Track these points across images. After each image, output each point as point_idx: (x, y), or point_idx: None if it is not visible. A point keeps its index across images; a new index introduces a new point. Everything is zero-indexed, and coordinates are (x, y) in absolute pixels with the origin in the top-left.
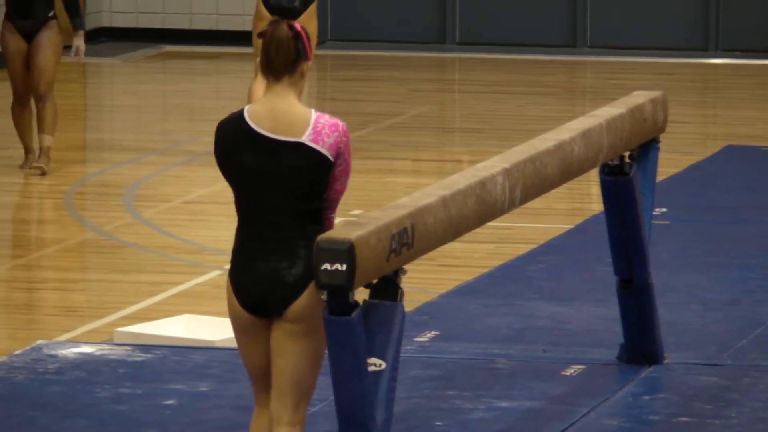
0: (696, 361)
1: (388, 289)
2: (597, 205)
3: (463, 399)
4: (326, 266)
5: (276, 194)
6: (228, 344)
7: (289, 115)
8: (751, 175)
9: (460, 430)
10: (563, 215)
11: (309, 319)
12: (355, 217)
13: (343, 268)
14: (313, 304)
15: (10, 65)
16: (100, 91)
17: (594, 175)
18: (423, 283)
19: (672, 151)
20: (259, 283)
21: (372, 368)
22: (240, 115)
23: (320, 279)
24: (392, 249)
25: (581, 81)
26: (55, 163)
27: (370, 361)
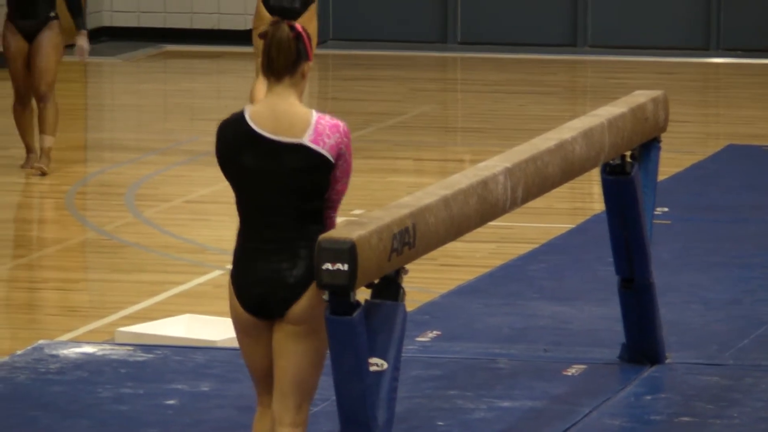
0: (697, 361)
1: (390, 289)
2: (598, 205)
3: (464, 399)
4: (328, 266)
5: (277, 195)
6: (229, 344)
7: (290, 116)
8: (753, 175)
9: (462, 429)
10: (565, 215)
11: (310, 320)
12: (357, 216)
13: (345, 267)
14: (315, 304)
15: (12, 65)
16: (101, 91)
17: (595, 174)
18: (424, 282)
19: (673, 150)
20: (260, 284)
21: (373, 368)
22: (241, 116)
23: (322, 279)
24: (394, 248)
25: (582, 80)
26: (56, 163)
27: (372, 361)
